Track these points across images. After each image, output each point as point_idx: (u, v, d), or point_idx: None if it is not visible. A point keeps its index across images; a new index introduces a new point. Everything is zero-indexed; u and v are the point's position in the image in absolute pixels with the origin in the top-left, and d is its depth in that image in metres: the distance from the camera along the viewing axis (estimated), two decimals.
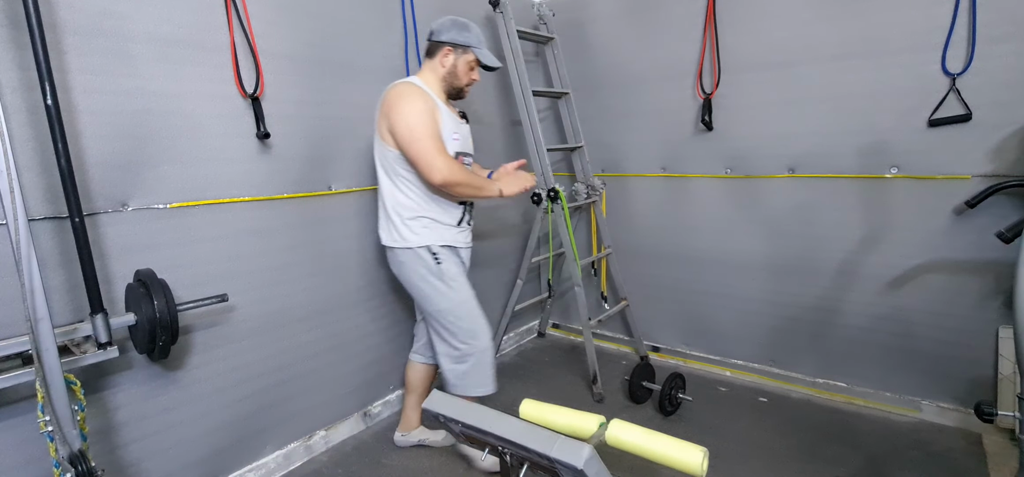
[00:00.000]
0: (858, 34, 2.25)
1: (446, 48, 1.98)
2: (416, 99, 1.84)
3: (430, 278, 1.94)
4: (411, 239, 1.93)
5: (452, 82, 2.01)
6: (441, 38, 1.98)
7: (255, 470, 2.08)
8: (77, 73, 1.53)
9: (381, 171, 1.97)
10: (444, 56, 1.98)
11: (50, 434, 1.31)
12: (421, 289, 1.97)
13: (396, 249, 1.97)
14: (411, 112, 1.81)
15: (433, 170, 1.79)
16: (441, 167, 1.79)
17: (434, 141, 1.81)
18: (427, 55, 2.03)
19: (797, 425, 2.38)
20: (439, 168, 1.79)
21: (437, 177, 1.80)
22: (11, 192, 1.21)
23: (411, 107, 1.82)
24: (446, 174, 1.80)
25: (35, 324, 1.26)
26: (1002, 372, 2.15)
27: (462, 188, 1.87)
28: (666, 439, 1.08)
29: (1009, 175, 2.02)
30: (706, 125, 2.68)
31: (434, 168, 1.79)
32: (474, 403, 1.14)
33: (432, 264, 1.93)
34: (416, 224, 1.94)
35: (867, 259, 2.40)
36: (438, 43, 1.98)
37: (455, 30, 1.98)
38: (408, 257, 1.95)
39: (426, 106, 1.85)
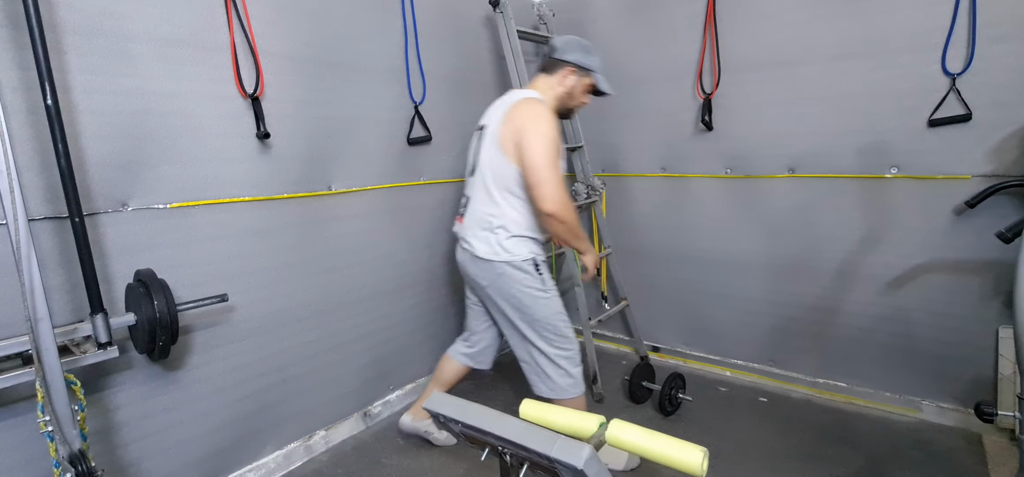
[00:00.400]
0: (858, 34, 2.25)
1: (569, 68, 1.98)
2: (551, 125, 1.81)
3: (534, 289, 1.91)
4: (516, 252, 1.89)
5: (567, 103, 2.02)
6: (566, 57, 1.98)
7: (255, 470, 2.08)
8: (77, 73, 1.53)
9: (491, 183, 1.90)
10: (565, 76, 1.98)
11: (50, 434, 1.31)
12: (522, 300, 1.91)
13: (497, 262, 1.90)
14: (545, 138, 1.77)
15: (548, 200, 1.76)
16: (558, 199, 1.76)
17: (557, 171, 1.79)
18: (544, 71, 2.03)
19: (797, 425, 2.38)
20: (556, 200, 1.76)
21: (549, 206, 1.76)
22: (11, 192, 1.21)
23: (547, 133, 1.78)
24: (559, 209, 1.77)
25: (35, 324, 1.26)
26: (1002, 372, 2.15)
27: (562, 226, 1.82)
28: (666, 439, 1.08)
29: (1009, 175, 2.02)
30: (706, 125, 2.68)
31: (550, 198, 1.75)
32: (474, 403, 1.13)
33: (535, 275, 1.91)
34: (520, 239, 1.90)
35: (867, 259, 2.40)
36: (561, 61, 1.98)
37: (581, 52, 1.99)
38: (511, 270, 1.90)
39: (556, 134, 1.82)
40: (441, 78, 2.68)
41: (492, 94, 3.03)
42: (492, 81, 3.03)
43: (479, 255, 1.92)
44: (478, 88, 2.95)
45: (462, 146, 2.82)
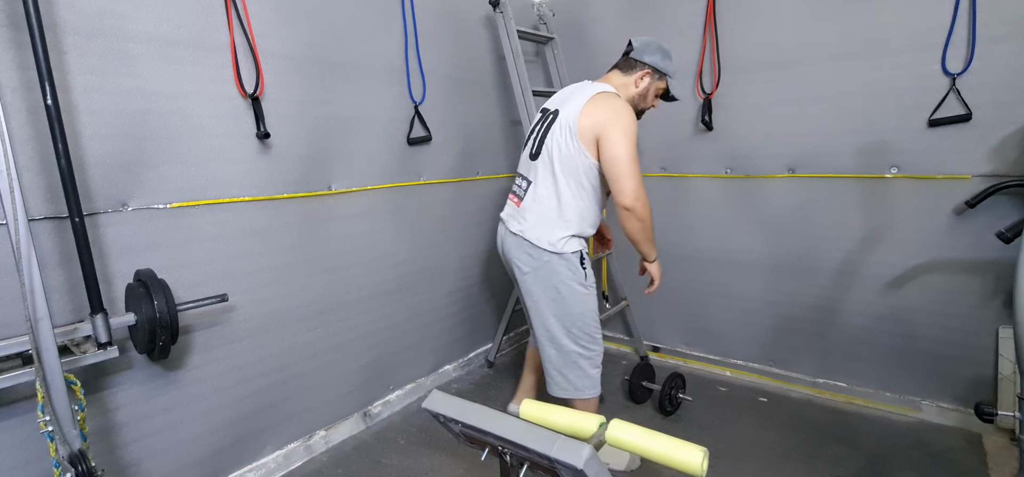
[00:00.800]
0: (858, 34, 2.25)
1: (647, 70, 1.95)
2: (633, 122, 1.80)
3: (576, 284, 1.87)
4: (567, 246, 1.85)
5: (639, 104, 1.99)
6: (644, 59, 1.95)
7: (255, 470, 2.08)
8: (77, 73, 1.53)
9: (560, 172, 1.85)
10: (641, 77, 1.96)
11: (50, 434, 1.31)
12: (561, 292, 1.88)
13: (546, 251, 1.85)
14: (629, 134, 1.76)
15: (628, 194, 1.75)
16: (640, 196, 1.76)
17: (638, 167, 1.78)
18: (621, 69, 1.99)
19: (797, 425, 2.38)
20: (638, 196, 1.76)
21: (629, 201, 1.75)
22: (11, 192, 1.21)
23: (630, 128, 1.77)
24: (639, 205, 1.77)
25: (35, 324, 1.26)
26: (1002, 372, 2.15)
27: (638, 225, 1.82)
28: (666, 439, 1.08)
29: (1009, 175, 2.02)
30: (706, 125, 2.68)
31: (631, 193, 1.75)
32: (474, 403, 1.13)
33: (580, 269, 1.88)
34: (575, 233, 1.88)
35: (867, 259, 2.40)
36: (639, 62, 1.95)
37: (660, 55, 1.96)
38: (558, 261, 1.86)
39: (636, 130, 1.80)
40: (441, 78, 2.68)
41: (492, 94, 3.03)
42: (492, 81, 3.03)
43: (530, 239, 1.87)
44: (478, 88, 2.95)
45: (462, 146, 2.83)
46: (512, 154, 3.20)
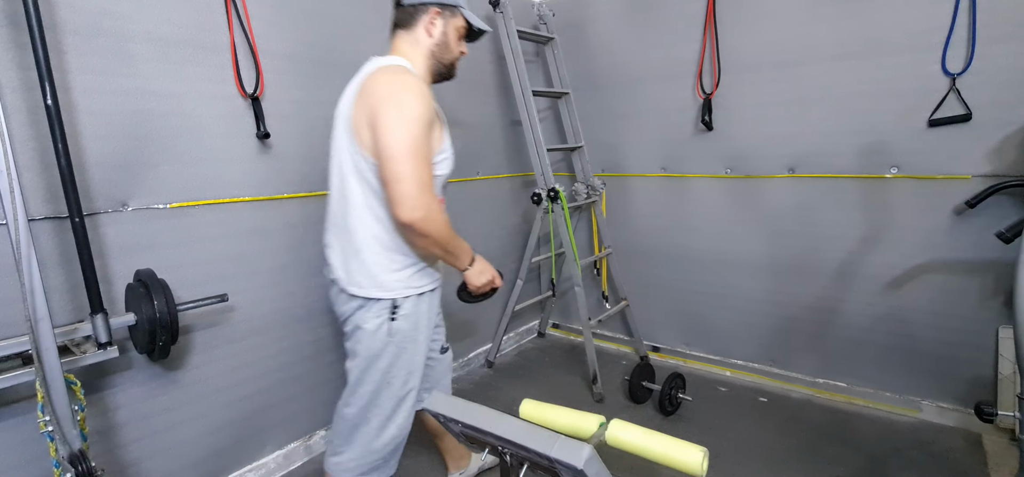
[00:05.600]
0: (858, 34, 2.25)
1: (433, 11, 1.48)
2: (418, 98, 1.33)
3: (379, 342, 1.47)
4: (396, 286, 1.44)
5: (441, 58, 1.53)
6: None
7: (255, 470, 2.08)
8: (77, 73, 1.53)
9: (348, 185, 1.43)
10: (430, 23, 1.49)
11: (50, 434, 1.31)
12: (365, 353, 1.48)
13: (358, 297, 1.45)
14: (407, 116, 1.30)
15: (404, 204, 1.29)
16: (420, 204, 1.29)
17: (421, 164, 1.31)
18: (400, 26, 1.52)
19: (797, 425, 2.38)
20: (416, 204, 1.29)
21: (406, 214, 1.29)
22: (11, 192, 1.21)
23: (411, 109, 1.31)
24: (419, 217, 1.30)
25: (35, 324, 1.26)
26: (1002, 372, 2.15)
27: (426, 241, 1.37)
28: (666, 439, 1.08)
29: (1009, 175, 2.02)
30: (706, 125, 2.68)
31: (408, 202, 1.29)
32: (474, 403, 1.13)
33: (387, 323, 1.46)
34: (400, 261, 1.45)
35: (867, 259, 2.40)
36: (417, 5, 1.48)
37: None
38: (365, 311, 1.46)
39: (427, 111, 1.34)
40: None
41: (492, 94, 3.03)
42: (492, 81, 3.03)
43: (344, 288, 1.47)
44: (478, 88, 2.95)
45: (462, 146, 2.82)
46: (512, 154, 3.20)
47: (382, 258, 1.44)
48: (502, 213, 3.18)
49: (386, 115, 1.31)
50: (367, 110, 1.35)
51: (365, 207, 1.42)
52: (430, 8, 1.49)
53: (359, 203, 1.42)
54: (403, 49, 1.52)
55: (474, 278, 1.62)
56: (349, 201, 1.44)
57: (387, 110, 1.31)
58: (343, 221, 1.47)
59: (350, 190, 1.43)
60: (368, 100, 1.36)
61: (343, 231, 1.47)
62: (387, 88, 1.35)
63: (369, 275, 1.44)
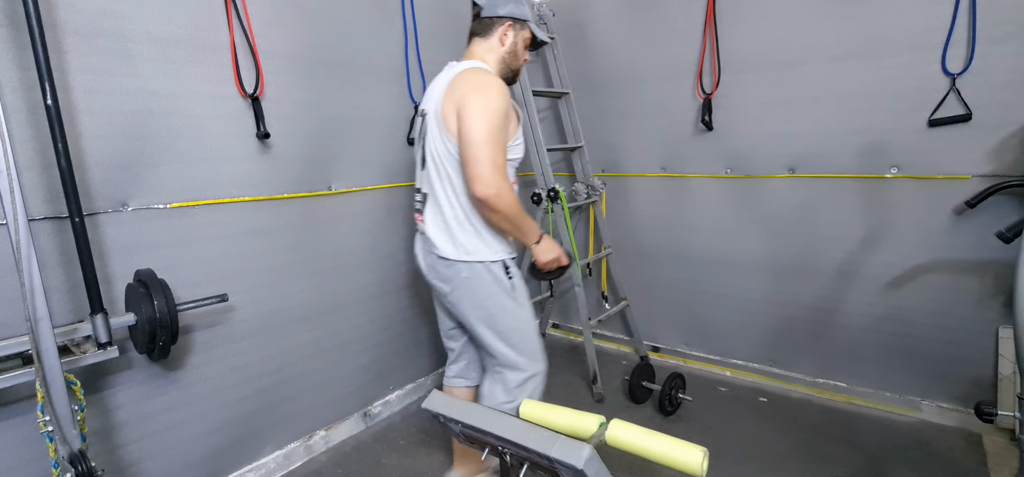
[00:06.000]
0: (858, 34, 2.25)
1: (507, 23, 1.71)
2: (500, 96, 1.55)
3: (503, 296, 1.69)
4: (484, 253, 1.66)
5: (511, 64, 1.75)
6: (500, 12, 1.70)
7: (255, 470, 2.08)
8: (77, 73, 1.53)
9: (447, 175, 1.65)
10: (503, 34, 1.72)
11: (50, 434, 1.31)
12: (489, 307, 1.69)
13: (460, 263, 1.66)
14: (490, 108, 1.52)
15: (479, 181, 1.50)
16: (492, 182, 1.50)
17: (496, 149, 1.52)
18: (476, 35, 1.75)
19: (797, 425, 2.38)
20: (489, 182, 1.50)
21: (480, 190, 1.51)
22: (11, 192, 1.21)
23: (492, 102, 1.53)
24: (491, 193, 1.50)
25: (35, 324, 1.26)
26: (1002, 372, 2.15)
27: (496, 215, 1.57)
28: (666, 439, 1.08)
29: (1009, 175, 2.02)
30: (706, 125, 2.68)
31: (482, 180, 1.50)
32: (474, 403, 1.13)
33: (505, 279, 1.69)
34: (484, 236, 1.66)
35: (867, 259, 2.40)
36: (496, 18, 1.71)
37: (512, 3, 1.72)
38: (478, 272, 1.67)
39: (505, 109, 1.56)
40: None
41: None
42: None
43: (442, 254, 1.68)
44: None
45: None
46: None
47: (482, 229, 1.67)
48: None
49: (471, 106, 1.52)
50: (455, 102, 1.56)
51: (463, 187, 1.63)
52: (505, 21, 1.73)
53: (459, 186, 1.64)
54: (480, 54, 1.74)
55: (541, 254, 1.78)
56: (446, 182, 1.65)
57: (472, 102, 1.53)
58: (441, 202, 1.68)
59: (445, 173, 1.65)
60: (456, 94, 1.57)
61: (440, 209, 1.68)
62: (473, 84, 1.57)
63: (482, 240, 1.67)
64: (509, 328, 1.71)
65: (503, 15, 1.71)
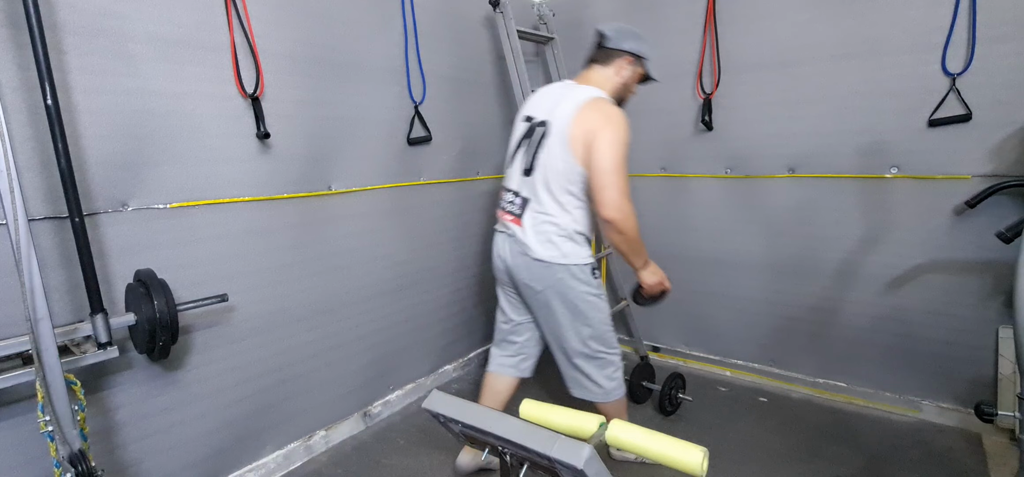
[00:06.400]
0: (858, 34, 2.25)
1: (627, 58, 1.89)
2: (625, 128, 1.73)
3: (590, 294, 1.84)
4: (575, 257, 1.81)
5: (622, 94, 1.93)
6: (623, 46, 1.88)
7: (255, 470, 2.08)
8: (77, 73, 1.53)
9: (554, 184, 1.78)
10: (622, 67, 1.89)
11: (50, 434, 1.31)
12: (578, 305, 1.84)
13: (557, 266, 1.80)
14: (618, 142, 1.70)
15: (610, 206, 1.68)
16: (622, 207, 1.69)
17: (624, 178, 1.70)
18: (597, 62, 1.91)
19: (797, 425, 2.38)
20: (620, 208, 1.69)
21: (610, 213, 1.69)
22: (11, 192, 1.21)
23: (621, 136, 1.71)
24: (620, 217, 1.69)
25: (35, 324, 1.26)
26: (1002, 372, 2.15)
27: (621, 238, 1.75)
28: (666, 439, 1.07)
29: (1009, 175, 2.02)
30: (706, 125, 2.68)
31: (613, 205, 1.68)
32: (474, 403, 1.13)
33: (592, 279, 1.85)
34: (579, 244, 1.83)
35: (867, 259, 2.40)
36: (617, 51, 1.88)
37: (634, 39, 1.90)
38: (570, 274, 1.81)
39: (628, 137, 1.73)
40: (441, 78, 2.68)
41: (492, 94, 3.03)
42: (492, 81, 3.03)
43: (539, 257, 1.80)
44: (478, 88, 2.95)
45: (462, 146, 2.83)
46: None
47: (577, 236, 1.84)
48: None
49: (602, 138, 1.69)
50: (585, 132, 1.72)
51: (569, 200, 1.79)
52: (625, 55, 1.89)
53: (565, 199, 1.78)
54: (598, 81, 1.89)
55: (647, 277, 1.93)
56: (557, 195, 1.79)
57: (603, 134, 1.70)
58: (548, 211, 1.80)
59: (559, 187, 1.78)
60: (586, 125, 1.73)
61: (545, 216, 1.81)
62: (603, 116, 1.74)
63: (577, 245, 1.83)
64: (598, 320, 1.88)
65: (626, 49, 1.88)
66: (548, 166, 1.79)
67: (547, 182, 1.79)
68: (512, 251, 1.88)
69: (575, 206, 1.80)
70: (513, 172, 1.91)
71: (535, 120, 1.88)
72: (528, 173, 1.84)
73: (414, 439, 2.37)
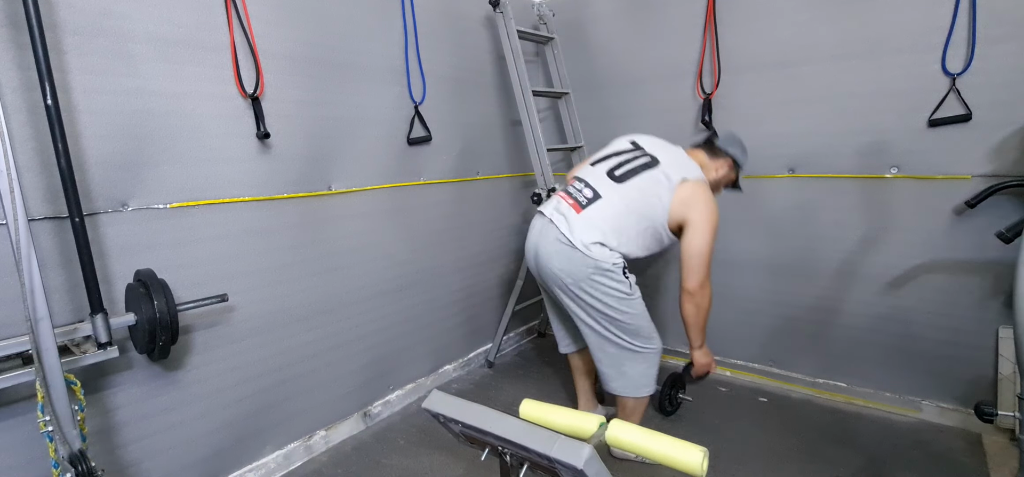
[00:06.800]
0: (858, 34, 2.25)
1: (729, 160, 2.16)
2: (717, 219, 1.95)
3: (623, 291, 1.94)
4: (614, 260, 1.91)
5: (716, 187, 2.15)
6: (729, 150, 2.16)
7: (255, 470, 2.08)
8: (77, 73, 1.53)
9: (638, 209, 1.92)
10: (722, 164, 2.16)
11: (50, 434, 1.31)
12: (611, 304, 1.94)
13: (594, 261, 1.90)
14: (712, 229, 1.93)
15: (694, 281, 1.94)
16: (704, 284, 1.96)
17: (709, 258, 1.94)
18: (707, 153, 2.16)
19: (797, 425, 2.38)
20: (701, 284, 1.95)
21: (694, 285, 1.95)
22: (11, 192, 1.21)
23: (714, 224, 1.93)
24: (700, 291, 1.96)
25: (35, 324, 1.26)
26: (1002, 372, 2.15)
27: (695, 309, 2.00)
28: (666, 439, 1.07)
29: (1009, 175, 2.02)
30: (706, 125, 2.68)
31: (698, 281, 1.94)
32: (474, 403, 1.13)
33: (623, 278, 1.94)
34: (624, 255, 1.94)
35: (867, 259, 2.40)
36: (723, 152, 2.16)
37: (740, 149, 2.18)
38: (604, 274, 1.92)
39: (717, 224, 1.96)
40: (441, 78, 2.68)
41: (492, 94, 3.04)
42: (492, 81, 3.03)
43: (582, 249, 1.87)
44: (478, 88, 2.95)
45: (462, 146, 2.83)
46: (512, 154, 3.20)
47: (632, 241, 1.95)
48: (502, 213, 3.18)
49: (701, 223, 1.92)
50: (686, 204, 1.93)
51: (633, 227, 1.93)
52: (729, 158, 2.17)
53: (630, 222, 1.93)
54: (704, 164, 2.13)
55: (700, 357, 2.17)
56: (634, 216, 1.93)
57: (702, 220, 1.92)
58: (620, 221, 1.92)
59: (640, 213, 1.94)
60: (691, 199, 1.94)
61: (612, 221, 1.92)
62: (705, 203, 1.95)
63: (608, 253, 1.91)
64: (629, 314, 1.96)
65: (731, 154, 2.16)
66: (643, 191, 1.94)
67: (630, 201, 1.93)
68: (547, 237, 1.96)
69: (634, 235, 1.93)
70: (595, 170, 2.04)
71: (644, 149, 2.06)
72: (617, 180, 1.97)
73: (414, 439, 2.37)
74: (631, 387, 2.03)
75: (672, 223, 1.96)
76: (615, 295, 1.91)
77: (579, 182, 2.03)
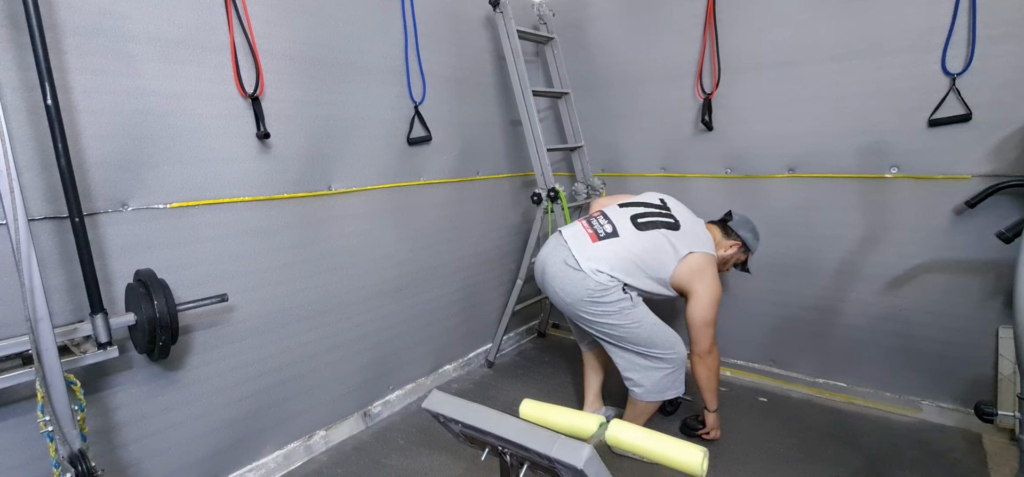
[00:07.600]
0: (858, 34, 2.25)
1: (739, 242, 2.27)
2: (719, 288, 2.06)
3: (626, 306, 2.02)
4: (613, 284, 1.99)
5: (721, 265, 2.23)
6: (740, 233, 2.26)
7: (255, 470, 2.08)
8: (77, 73, 1.53)
9: (646, 257, 2.01)
10: (732, 244, 2.26)
11: (50, 434, 1.31)
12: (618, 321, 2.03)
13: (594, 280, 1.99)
14: (715, 303, 2.03)
15: (704, 347, 2.05)
16: (712, 350, 2.07)
17: (713, 324, 2.05)
18: (721, 230, 2.28)
19: (797, 425, 2.38)
20: (710, 350, 2.06)
21: (704, 350, 2.05)
22: (11, 192, 1.21)
23: (718, 298, 2.04)
24: (710, 356, 2.07)
25: (35, 324, 1.26)
26: (1002, 372, 2.15)
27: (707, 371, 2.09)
28: (666, 439, 1.07)
29: (1009, 175, 2.02)
30: (706, 125, 2.68)
31: (706, 348, 2.05)
32: (474, 403, 1.13)
33: (623, 295, 2.01)
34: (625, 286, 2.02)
35: (867, 259, 2.40)
36: (735, 233, 2.27)
37: (752, 234, 2.28)
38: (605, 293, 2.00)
39: (719, 296, 2.05)
40: (441, 78, 2.68)
41: (492, 94, 3.04)
42: (492, 81, 3.03)
43: (583, 267, 1.97)
44: (478, 88, 2.95)
45: (462, 146, 2.83)
46: (512, 154, 3.20)
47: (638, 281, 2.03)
48: (502, 213, 3.18)
49: (701, 294, 2.03)
50: (690, 275, 2.04)
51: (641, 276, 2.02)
52: (740, 241, 2.28)
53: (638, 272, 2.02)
54: (717, 238, 2.24)
55: (711, 420, 2.23)
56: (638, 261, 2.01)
57: (705, 291, 2.03)
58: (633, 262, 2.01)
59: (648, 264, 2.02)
60: (694, 272, 2.05)
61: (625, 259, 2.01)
62: (711, 277, 2.05)
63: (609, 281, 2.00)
64: (631, 326, 2.02)
65: (741, 237, 2.27)
66: (656, 245, 2.04)
67: (643, 249, 2.03)
68: (556, 258, 2.07)
69: (642, 278, 2.02)
70: (621, 212, 2.15)
71: (670, 210, 2.18)
72: (638, 227, 2.08)
73: (414, 439, 2.37)
74: (645, 393, 2.09)
75: (676, 286, 2.06)
76: (616, 311, 1.98)
77: (603, 217, 2.13)
